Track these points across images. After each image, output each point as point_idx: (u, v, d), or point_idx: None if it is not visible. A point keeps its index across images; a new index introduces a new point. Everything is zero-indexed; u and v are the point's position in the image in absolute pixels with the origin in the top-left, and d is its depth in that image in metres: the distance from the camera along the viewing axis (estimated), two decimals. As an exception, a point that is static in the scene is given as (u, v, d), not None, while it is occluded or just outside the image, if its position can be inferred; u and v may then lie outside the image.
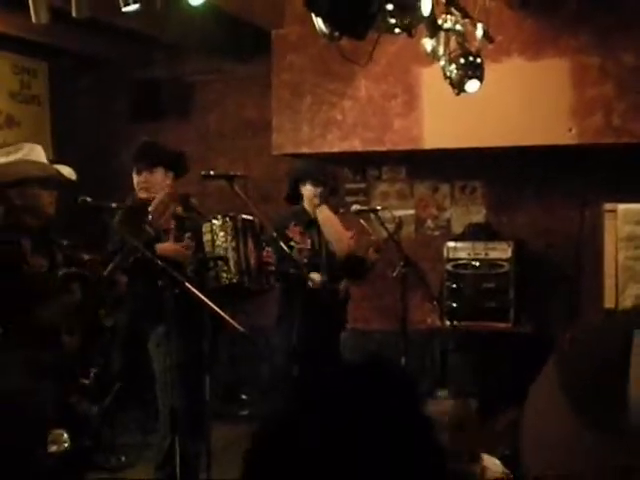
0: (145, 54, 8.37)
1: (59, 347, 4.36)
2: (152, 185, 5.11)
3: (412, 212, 8.04)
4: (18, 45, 7.59)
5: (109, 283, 4.55)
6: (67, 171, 4.52)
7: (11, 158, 4.45)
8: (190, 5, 4.53)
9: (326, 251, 5.92)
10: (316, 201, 5.84)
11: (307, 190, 5.88)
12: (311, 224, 5.89)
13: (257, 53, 7.83)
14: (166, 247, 4.97)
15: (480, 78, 5.54)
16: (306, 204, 5.90)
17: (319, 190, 5.84)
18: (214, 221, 5.15)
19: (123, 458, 6.49)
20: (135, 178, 5.17)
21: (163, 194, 4.92)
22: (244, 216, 5.25)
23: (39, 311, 4.27)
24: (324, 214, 5.84)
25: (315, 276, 5.69)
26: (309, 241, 5.85)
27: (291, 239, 5.79)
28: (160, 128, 7.95)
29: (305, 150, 7.28)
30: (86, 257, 4.64)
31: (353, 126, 7.13)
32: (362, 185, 8.13)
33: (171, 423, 4.91)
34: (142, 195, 5.10)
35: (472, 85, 5.54)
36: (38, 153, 4.53)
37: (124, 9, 4.17)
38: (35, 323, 4.28)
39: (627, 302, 6.48)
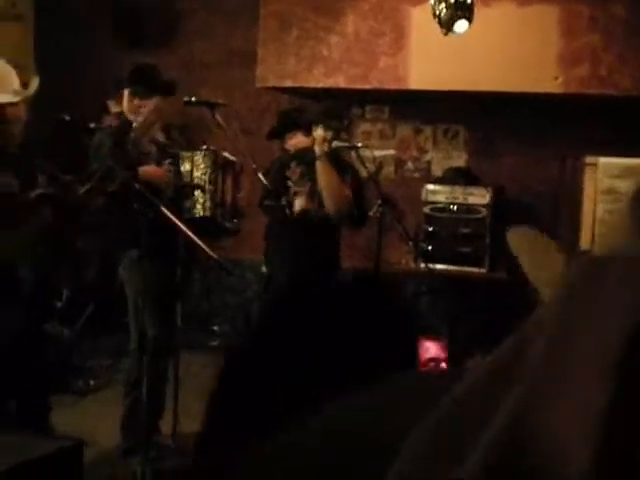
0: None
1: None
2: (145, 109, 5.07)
3: (393, 153, 8.01)
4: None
5: (84, 205, 4.52)
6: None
7: None
8: None
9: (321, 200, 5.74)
10: (325, 147, 5.62)
11: (318, 133, 5.59)
12: (314, 167, 5.63)
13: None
14: (149, 170, 4.93)
15: (469, 19, 5.50)
16: (316, 147, 5.61)
17: (330, 134, 5.64)
18: (196, 152, 5.12)
19: (92, 382, 6.50)
20: (127, 101, 5.10)
21: (147, 111, 4.87)
22: (226, 154, 5.21)
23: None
24: (324, 170, 5.57)
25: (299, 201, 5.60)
26: (308, 185, 5.60)
27: (289, 178, 5.67)
28: (144, 55, 7.84)
29: (289, 84, 7.21)
30: (67, 178, 4.61)
31: (339, 62, 7.06)
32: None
33: (140, 348, 4.93)
34: (134, 118, 5.06)
35: (461, 25, 5.50)
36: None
37: None
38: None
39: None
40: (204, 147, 5.14)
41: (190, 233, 4.28)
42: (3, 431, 3.77)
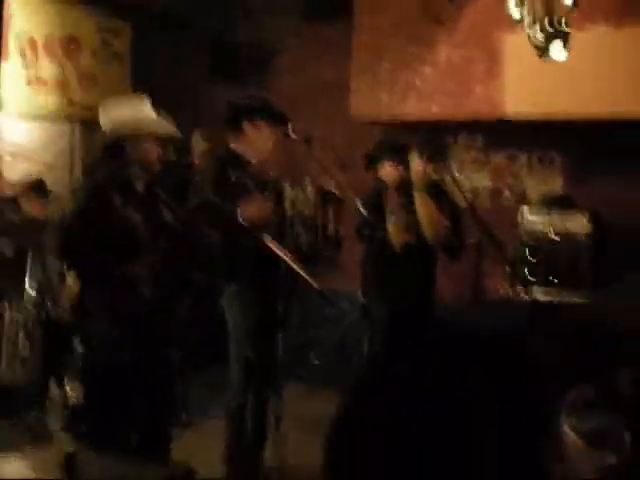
0: (225, 15, 8.38)
1: (139, 299, 4.40)
2: (255, 141, 5.12)
3: (488, 181, 7.95)
4: (102, 6, 7.72)
5: (197, 238, 4.59)
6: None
7: (130, 110, 4.56)
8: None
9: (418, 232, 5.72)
10: (421, 175, 5.57)
11: (415, 163, 5.58)
12: (412, 197, 5.63)
13: (337, 14, 7.77)
14: (252, 210, 4.91)
15: (566, 44, 5.43)
16: (414, 176, 5.59)
17: (425, 164, 5.61)
18: (296, 184, 5.16)
19: (186, 415, 6.48)
20: (244, 134, 5.15)
21: (271, 144, 4.95)
22: (327, 186, 5.24)
23: (123, 264, 4.33)
24: (422, 200, 5.58)
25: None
26: (404, 212, 5.63)
27: (385, 208, 5.68)
28: (238, 90, 7.94)
29: (383, 114, 7.22)
30: (183, 211, 4.70)
31: (432, 92, 7.05)
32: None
33: (242, 379, 4.95)
34: (246, 152, 5.11)
35: (557, 50, 5.43)
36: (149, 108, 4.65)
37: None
38: (117, 275, 4.33)
39: None
40: (303, 180, 5.18)
41: (293, 264, 4.30)
42: (118, 459, 3.80)
